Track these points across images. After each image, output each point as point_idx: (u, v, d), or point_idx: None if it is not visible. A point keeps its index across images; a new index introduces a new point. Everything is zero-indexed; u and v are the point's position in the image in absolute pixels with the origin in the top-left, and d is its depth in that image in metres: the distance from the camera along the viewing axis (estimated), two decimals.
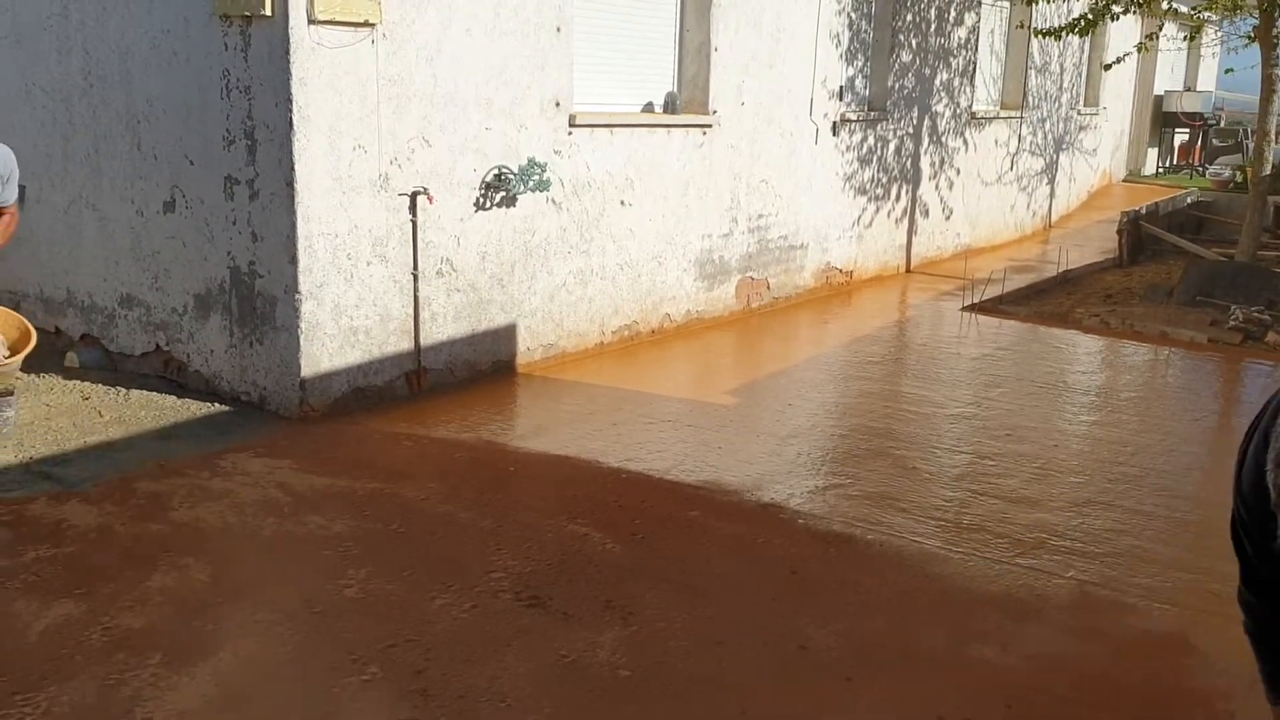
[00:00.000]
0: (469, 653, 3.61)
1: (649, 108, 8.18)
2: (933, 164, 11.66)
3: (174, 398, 6.13)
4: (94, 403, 6.03)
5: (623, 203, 7.63)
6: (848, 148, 10.07)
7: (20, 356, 4.88)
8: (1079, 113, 15.66)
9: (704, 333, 8.44)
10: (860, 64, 10.17)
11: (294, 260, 5.69)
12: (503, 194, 6.68)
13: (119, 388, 6.25)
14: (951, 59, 11.62)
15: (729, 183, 8.61)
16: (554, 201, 7.09)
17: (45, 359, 6.34)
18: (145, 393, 6.18)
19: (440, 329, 6.49)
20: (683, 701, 3.41)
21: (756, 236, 9.05)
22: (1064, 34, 11.26)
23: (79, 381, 6.37)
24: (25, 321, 5.07)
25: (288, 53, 5.47)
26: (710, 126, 8.29)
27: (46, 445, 5.38)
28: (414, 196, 6.15)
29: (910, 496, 5.14)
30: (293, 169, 5.59)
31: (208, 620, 3.77)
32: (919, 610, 4.07)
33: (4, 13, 6.77)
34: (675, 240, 8.18)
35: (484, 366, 6.84)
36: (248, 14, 5.52)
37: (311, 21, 5.48)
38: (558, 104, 6.98)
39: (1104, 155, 17.44)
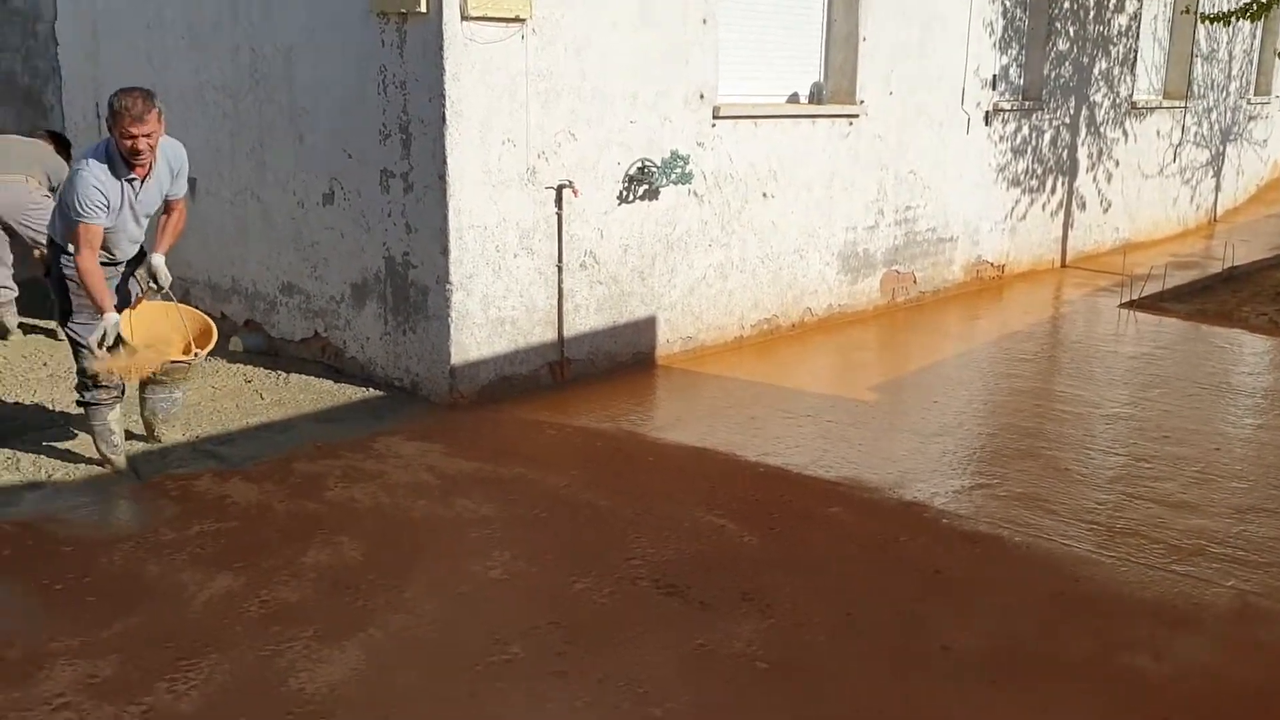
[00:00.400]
0: (608, 638, 3.66)
1: (794, 98, 8.11)
2: (1090, 155, 11.22)
3: (331, 382, 6.38)
4: (256, 385, 6.32)
5: (765, 195, 7.59)
6: (1001, 138, 9.78)
7: (204, 352, 5.12)
8: (1249, 102, 14.84)
9: (846, 327, 8.33)
10: (1014, 52, 9.86)
11: (445, 251, 5.85)
12: (645, 187, 6.72)
13: (279, 371, 6.54)
14: (1111, 47, 11.16)
15: (875, 174, 8.47)
16: (696, 194, 7.11)
17: None
18: (304, 377, 6.45)
19: (583, 320, 6.58)
20: (821, 696, 3.39)
21: (903, 229, 8.88)
22: (1234, 19, 10.68)
23: (242, 365, 6.68)
24: (208, 320, 5.28)
25: (441, 48, 5.62)
26: (857, 117, 8.17)
27: (212, 425, 5.67)
28: (560, 190, 6.25)
29: (1061, 498, 4.97)
30: (445, 163, 5.75)
31: (358, 596, 3.92)
32: (1068, 615, 3.94)
33: (182, 17, 7.14)
34: (818, 233, 8.09)
35: (624, 358, 6.91)
36: (403, 11, 5.69)
37: (465, 18, 5.62)
38: (702, 96, 6.99)
39: (1275, 146, 16.49)
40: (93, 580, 4.02)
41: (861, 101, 8.17)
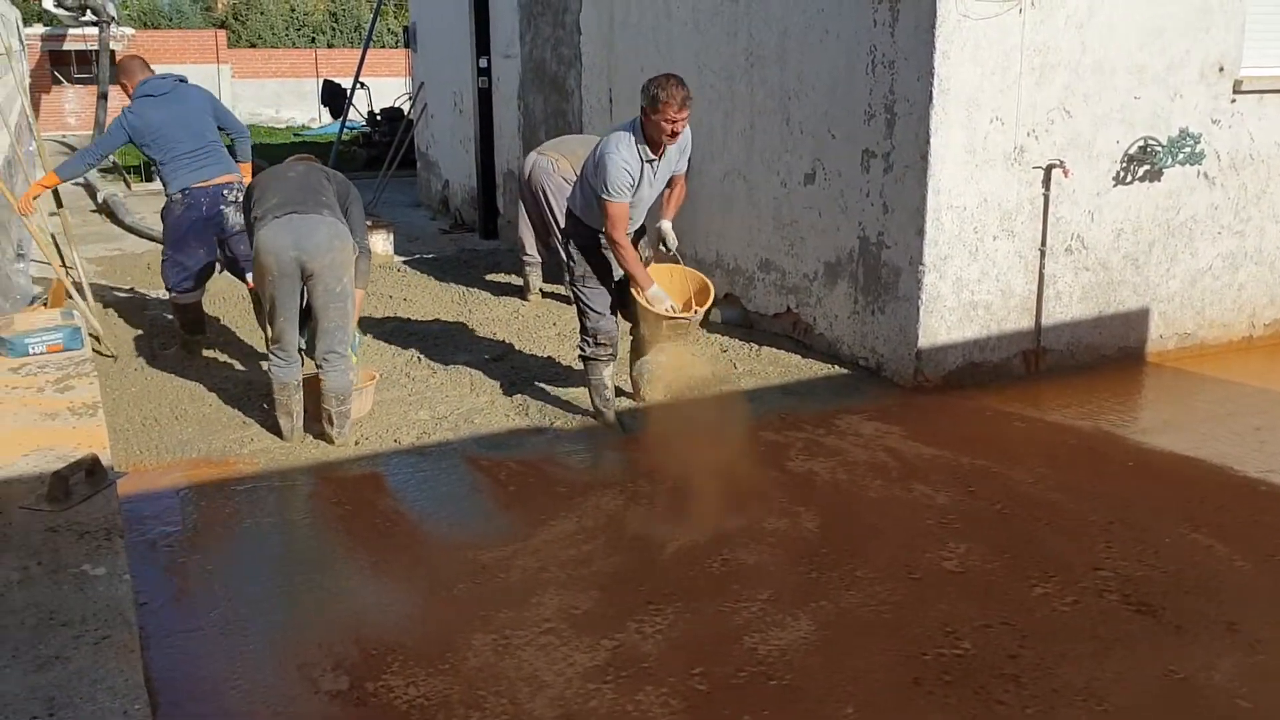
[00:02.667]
0: (1066, 648, 3.48)
1: None
2: None
3: (798, 357, 6.56)
4: (730, 355, 6.66)
5: None
6: None
7: (703, 310, 5.35)
8: None
9: None
10: None
11: (921, 233, 5.79)
12: (1146, 167, 6.20)
13: (752, 344, 6.83)
14: None
15: None
16: (1206, 176, 6.44)
17: None
18: (774, 350, 6.69)
19: (1064, 309, 6.23)
20: None
21: None
22: None
23: (720, 335, 7.06)
24: (705, 279, 5.47)
25: (934, 26, 5.53)
26: None
27: (690, 390, 6.04)
28: (1048, 169, 5.94)
29: None
30: (928, 142, 5.67)
31: (813, 568, 4.03)
32: None
33: (687, 3, 7.61)
34: None
35: (1108, 352, 6.45)
36: None
37: None
38: (1221, 69, 6.30)
39: None
40: (579, 520, 4.47)
41: None
